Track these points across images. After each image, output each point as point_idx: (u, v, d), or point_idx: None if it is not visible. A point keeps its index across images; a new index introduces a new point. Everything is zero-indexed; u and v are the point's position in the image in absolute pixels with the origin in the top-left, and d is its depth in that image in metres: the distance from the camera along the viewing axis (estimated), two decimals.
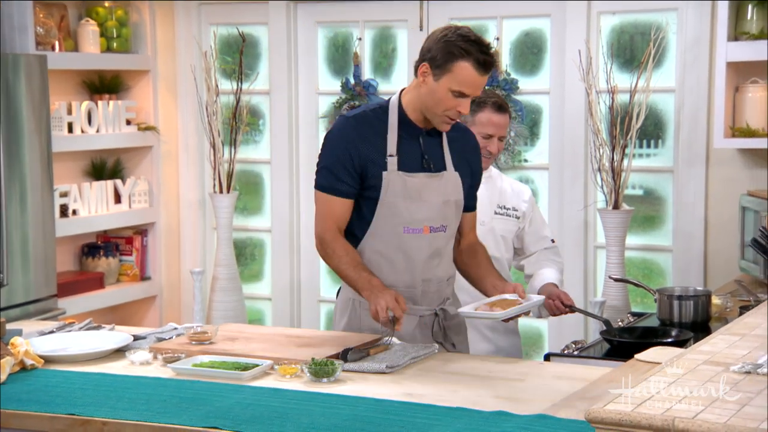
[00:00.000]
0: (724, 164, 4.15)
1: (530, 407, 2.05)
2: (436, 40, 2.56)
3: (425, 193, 2.66)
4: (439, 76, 2.54)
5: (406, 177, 2.64)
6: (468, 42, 2.52)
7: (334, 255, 2.63)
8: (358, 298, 2.72)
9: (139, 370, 2.41)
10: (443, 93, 2.55)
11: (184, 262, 5.05)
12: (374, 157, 2.63)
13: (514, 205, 3.31)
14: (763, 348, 1.96)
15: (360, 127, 2.65)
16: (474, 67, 2.52)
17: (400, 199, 2.64)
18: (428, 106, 2.60)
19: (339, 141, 2.65)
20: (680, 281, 4.14)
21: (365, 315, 2.71)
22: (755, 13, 3.95)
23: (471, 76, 2.53)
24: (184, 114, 4.98)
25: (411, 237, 2.66)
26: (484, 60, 2.53)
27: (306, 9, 4.84)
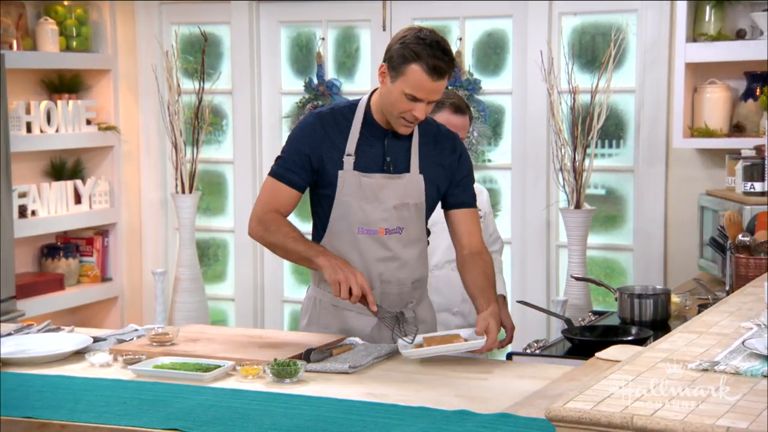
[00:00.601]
0: (684, 164, 4.20)
1: (492, 406, 2.05)
2: (396, 40, 2.54)
3: (381, 195, 2.63)
4: (395, 78, 2.52)
5: (361, 177, 2.61)
6: (422, 45, 2.47)
7: (279, 231, 2.56)
8: (319, 297, 2.72)
9: (98, 372, 2.37)
10: (397, 95, 2.53)
11: (145, 263, 5.01)
12: (334, 155, 2.62)
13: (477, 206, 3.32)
14: (720, 345, 1.98)
15: (324, 125, 2.63)
16: (425, 72, 2.47)
17: (355, 199, 2.62)
18: (386, 108, 2.59)
19: (301, 136, 2.64)
20: (641, 280, 4.18)
21: (324, 314, 2.70)
22: (713, 15, 4.00)
23: (422, 81, 2.48)
24: (146, 114, 4.94)
25: (365, 237, 2.64)
26: (435, 65, 2.47)
27: (268, 9, 4.82)
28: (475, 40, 4.57)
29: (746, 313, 2.28)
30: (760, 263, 3.01)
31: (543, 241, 4.42)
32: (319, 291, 2.72)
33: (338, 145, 2.62)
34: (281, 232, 2.58)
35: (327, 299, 2.70)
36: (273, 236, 2.59)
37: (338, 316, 2.70)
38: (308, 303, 2.77)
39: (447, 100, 3.20)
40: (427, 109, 2.56)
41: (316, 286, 2.75)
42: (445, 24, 4.60)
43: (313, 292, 2.75)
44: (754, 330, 2.09)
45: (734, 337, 2.03)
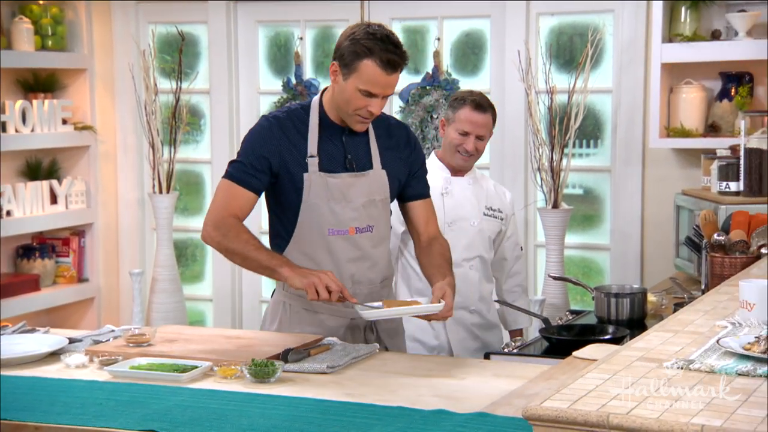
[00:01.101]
0: (660, 164, 4.22)
1: (469, 406, 2.05)
2: (345, 38, 2.53)
3: (349, 194, 2.62)
4: (347, 76, 2.51)
5: (328, 178, 2.60)
6: (373, 40, 2.47)
7: (238, 237, 2.50)
8: (289, 302, 2.70)
9: (74, 373, 2.35)
10: (352, 92, 2.52)
11: (122, 264, 4.99)
12: (295, 158, 2.59)
13: (499, 207, 3.33)
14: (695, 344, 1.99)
15: (281, 129, 2.60)
16: (379, 66, 2.47)
17: (323, 200, 2.60)
18: (340, 106, 2.58)
19: (259, 139, 2.59)
20: (618, 279, 4.20)
21: (297, 320, 2.68)
22: (689, 15, 4.03)
23: (376, 75, 2.48)
24: (122, 113, 4.91)
25: (336, 239, 2.63)
26: (388, 59, 2.47)
27: (246, 8, 4.80)
28: (453, 40, 4.58)
29: (721, 312, 2.30)
30: (734, 262, 3.03)
31: (521, 241, 4.43)
32: (289, 295, 2.70)
33: (299, 147, 2.60)
34: (240, 238, 2.51)
35: (298, 303, 2.68)
36: (231, 242, 2.52)
37: (311, 320, 2.68)
38: (276, 308, 2.74)
39: (468, 97, 3.22)
40: (381, 104, 2.55)
41: (284, 291, 2.71)
42: (424, 24, 4.61)
43: (282, 297, 2.72)
44: (729, 328, 2.11)
45: (709, 336, 2.05)
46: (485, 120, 3.21)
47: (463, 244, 3.21)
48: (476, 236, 3.24)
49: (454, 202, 3.24)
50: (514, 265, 3.40)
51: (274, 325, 2.73)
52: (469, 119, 3.18)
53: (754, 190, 3.54)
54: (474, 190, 3.28)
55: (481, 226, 3.26)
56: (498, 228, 3.32)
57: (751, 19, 3.92)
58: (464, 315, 3.26)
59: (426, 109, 4.47)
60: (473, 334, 3.28)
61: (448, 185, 3.24)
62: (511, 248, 3.37)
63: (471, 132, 3.19)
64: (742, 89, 4.01)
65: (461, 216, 3.24)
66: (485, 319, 3.32)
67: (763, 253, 3.05)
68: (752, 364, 1.79)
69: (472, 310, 3.27)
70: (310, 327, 2.67)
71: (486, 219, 3.28)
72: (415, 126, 4.51)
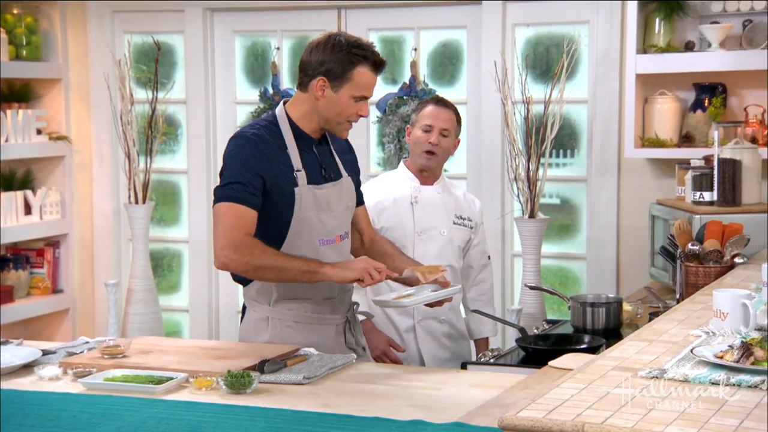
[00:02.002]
0: (635, 174, 4.25)
1: (446, 416, 2.05)
2: (328, 52, 2.57)
3: (332, 203, 2.68)
4: (338, 87, 2.57)
5: (315, 190, 2.64)
6: (360, 47, 2.58)
7: (265, 253, 2.52)
8: (278, 316, 2.68)
9: (47, 385, 2.33)
10: (346, 102, 2.59)
11: (98, 274, 4.95)
12: (283, 173, 2.60)
13: (468, 215, 3.34)
14: (670, 353, 2.01)
15: (266, 145, 2.59)
16: (371, 70, 2.60)
17: (313, 212, 2.63)
18: (329, 118, 2.62)
19: (249, 158, 2.57)
20: (594, 288, 4.22)
21: (287, 332, 2.68)
22: (663, 27, 4.06)
23: (370, 79, 2.61)
24: (98, 123, 4.89)
25: (326, 248, 2.67)
26: (379, 61, 2.61)
27: (223, 18, 4.80)
28: (430, 51, 4.59)
29: (695, 321, 2.33)
30: (709, 272, 3.06)
31: (498, 251, 4.44)
32: (277, 311, 2.69)
33: (283, 161, 2.61)
34: (268, 253, 2.53)
35: (288, 316, 2.68)
36: (260, 259, 2.53)
37: (301, 331, 2.68)
38: (260, 325, 2.71)
39: (430, 97, 3.36)
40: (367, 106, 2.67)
41: (270, 307, 2.70)
42: (401, 34, 4.62)
43: (267, 313, 2.70)
44: (703, 337, 2.13)
45: (683, 345, 2.07)
46: (447, 115, 3.26)
47: (434, 253, 3.22)
48: (446, 245, 3.25)
49: (423, 212, 3.25)
50: (480, 273, 3.39)
51: (261, 338, 2.69)
52: (432, 114, 3.25)
53: (727, 199, 3.57)
54: (443, 198, 3.29)
55: (451, 235, 3.27)
56: (467, 237, 3.33)
57: (724, 31, 3.96)
58: (434, 325, 3.27)
59: (403, 119, 4.48)
60: (442, 344, 3.29)
61: (417, 194, 3.26)
62: (478, 256, 3.37)
63: (434, 125, 3.23)
64: (716, 100, 4.04)
65: (431, 225, 3.25)
66: (455, 328, 3.32)
67: (737, 262, 3.08)
68: (725, 373, 1.81)
69: (442, 320, 3.28)
70: (301, 338, 2.66)
71: (456, 228, 3.29)
72: (393, 136, 4.52)
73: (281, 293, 2.67)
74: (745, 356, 1.85)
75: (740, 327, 2.13)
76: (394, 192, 3.26)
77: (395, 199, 3.25)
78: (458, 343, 3.34)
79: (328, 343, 2.68)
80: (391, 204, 3.24)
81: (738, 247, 3.11)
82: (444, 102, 3.29)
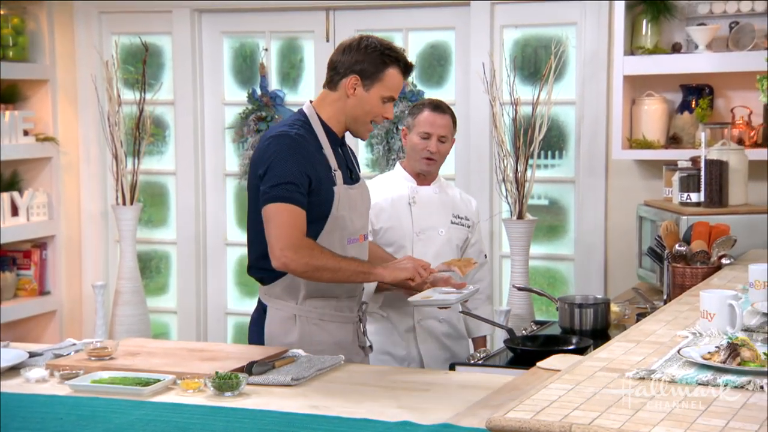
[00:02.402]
0: (623, 175, 4.26)
1: (434, 417, 2.04)
2: (362, 52, 2.64)
3: (358, 203, 2.74)
4: (370, 86, 2.65)
5: (349, 189, 2.70)
6: (392, 50, 2.67)
7: (323, 254, 2.58)
8: (305, 315, 2.71)
9: (34, 387, 2.30)
10: (375, 101, 2.66)
11: (85, 276, 4.93)
12: (324, 173, 2.66)
13: (465, 215, 3.35)
14: (657, 354, 2.01)
15: (307, 145, 2.64)
16: (401, 72, 2.68)
17: (347, 211, 2.69)
18: (357, 116, 2.68)
19: (295, 158, 2.60)
20: (582, 289, 4.22)
21: (316, 330, 2.71)
22: (650, 29, 4.07)
23: (399, 81, 2.69)
24: (85, 124, 4.87)
25: (352, 247, 2.73)
26: (407, 64, 2.70)
27: (211, 19, 4.79)
28: (418, 52, 4.59)
29: (682, 322, 2.33)
30: (695, 272, 3.06)
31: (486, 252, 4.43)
32: (305, 308, 2.72)
33: (321, 162, 2.66)
34: (326, 254, 2.59)
35: (315, 315, 2.72)
36: (320, 260, 2.58)
37: (326, 329, 2.73)
38: (288, 323, 2.72)
39: (426, 101, 3.34)
40: None
41: (297, 305, 2.72)
42: (389, 35, 4.59)
43: (294, 311, 2.72)
44: (690, 338, 2.14)
45: (671, 346, 2.07)
46: (445, 121, 3.26)
47: (432, 253, 3.22)
48: (445, 245, 3.26)
49: (421, 212, 3.26)
50: (478, 272, 3.39)
51: (291, 338, 2.70)
52: (429, 121, 3.24)
53: (714, 201, 3.58)
54: (441, 198, 3.31)
55: (449, 235, 3.28)
56: (465, 236, 3.34)
57: (711, 33, 3.97)
58: (434, 324, 3.27)
59: (392, 120, 4.47)
60: (442, 344, 3.29)
61: (415, 194, 3.27)
62: (475, 255, 3.37)
63: (432, 133, 3.23)
64: (703, 101, 4.05)
65: (429, 225, 3.26)
66: (454, 328, 3.32)
67: (724, 263, 3.09)
68: (712, 374, 1.81)
69: (441, 319, 3.28)
70: (327, 336, 2.71)
71: (453, 227, 3.30)
72: (381, 137, 4.52)
73: (309, 290, 2.70)
74: (732, 357, 1.86)
75: (727, 328, 2.14)
76: (391, 193, 3.28)
77: (393, 200, 3.26)
78: (458, 343, 3.35)
79: (348, 342, 2.74)
80: (389, 205, 3.25)
81: (725, 248, 3.12)
82: (440, 107, 3.27)
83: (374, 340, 3.27)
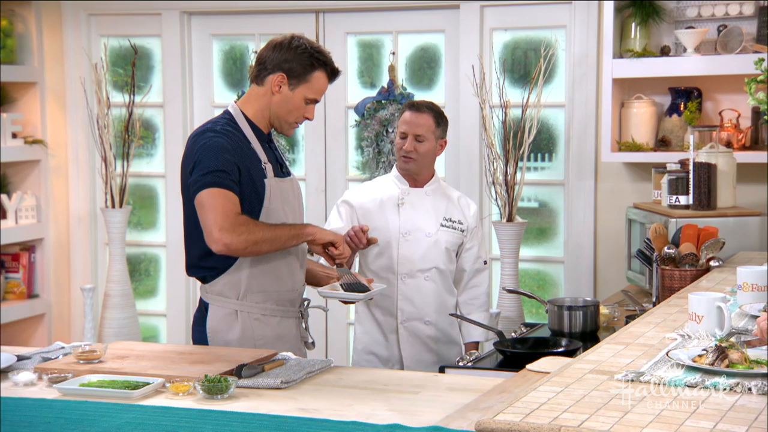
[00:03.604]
0: (612, 177, 4.26)
1: (424, 419, 2.03)
2: (291, 51, 2.66)
3: (292, 198, 2.76)
4: (296, 86, 2.66)
5: (280, 183, 2.71)
6: (321, 53, 2.68)
7: (257, 226, 2.59)
8: (246, 310, 2.72)
9: (22, 391, 2.28)
10: (299, 101, 2.67)
11: (74, 279, 4.91)
12: (253, 165, 2.66)
13: (459, 218, 3.32)
14: (646, 356, 2.01)
15: (234, 139, 2.65)
16: (327, 77, 2.69)
17: (280, 204, 2.70)
18: (280, 114, 2.70)
19: (226, 150, 2.62)
20: (572, 292, 4.23)
21: (257, 325, 2.72)
22: (639, 32, 4.08)
23: (324, 85, 2.70)
24: (74, 127, 4.85)
25: None
26: (334, 69, 2.70)
27: (200, 21, 4.77)
28: (408, 54, 4.59)
29: (671, 324, 2.34)
30: (684, 275, 3.07)
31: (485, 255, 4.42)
32: (246, 304, 2.72)
33: (250, 155, 2.67)
34: (260, 226, 2.61)
35: (256, 310, 2.72)
36: (256, 233, 2.59)
37: (269, 324, 2.73)
38: (230, 319, 2.73)
39: (408, 102, 3.34)
40: None
41: (238, 300, 2.72)
42: (378, 38, 4.62)
43: (235, 307, 2.73)
44: (678, 341, 2.14)
45: (659, 348, 2.08)
46: (422, 120, 3.24)
47: (418, 254, 3.22)
48: (432, 247, 3.25)
49: (408, 213, 3.26)
50: (474, 277, 3.37)
51: (233, 334, 2.72)
52: (406, 120, 3.26)
53: (703, 203, 3.58)
54: (432, 200, 3.29)
55: (437, 237, 3.26)
56: (458, 240, 3.31)
57: (699, 36, 3.98)
58: (418, 326, 3.26)
59: (381, 122, 4.48)
60: (428, 346, 3.28)
61: (405, 196, 3.27)
62: (471, 260, 3.36)
63: (408, 132, 3.24)
64: (691, 104, 4.06)
65: (416, 227, 3.25)
66: (444, 333, 3.30)
67: (712, 265, 3.10)
68: (701, 376, 1.82)
69: (427, 321, 3.27)
70: (270, 330, 2.72)
71: (444, 230, 3.28)
72: (371, 140, 4.51)
73: (249, 286, 2.71)
74: (720, 359, 1.86)
75: (715, 330, 2.14)
76: (381, 194, 3.29)
77: (382, 201, 3.27)
78: (447, 347, 3.32)
79: (291, 336, 2.74)
80: (377, 206, 3.26)
81: (713, 250, 3.13)
82: (418, 107, 3.28)
83: (361, 340, 3.29)
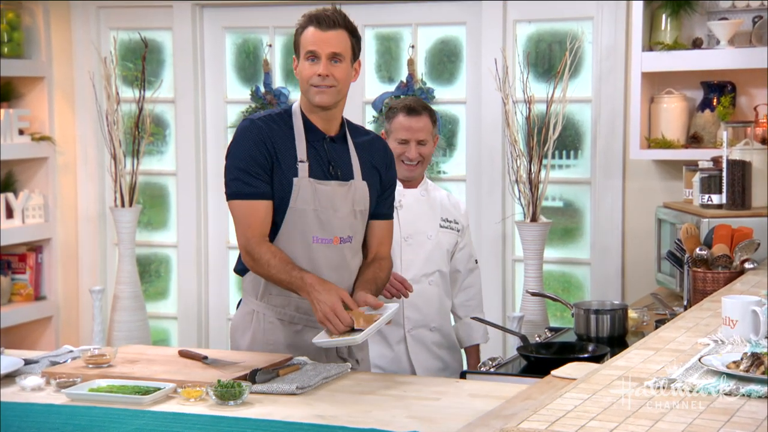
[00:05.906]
0: (641, 176, 4.18)
1: (444, 427, 2.01)
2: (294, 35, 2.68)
3: (336, 202, 2.63)
4: (298, 58, 2.65)
5: (316, 185, 2.62)
6: (307, 15, 2.66)
7: (261, 262, 2.56)
8: (262, 311, 2.66)
9: (30, 396, 2.28)
10: (302, 65, 2.62)
11: (82, 281, 4.89)
12: (286, 162, 2.60)
13: (454, 218, 3.26)
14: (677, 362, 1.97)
15: (269, 128, 2.61)
16: (313, 26, 2.61)
17: (310, 206, 2.61)
18: (302, 87, 2.66)
19: (248, 142, 2.59)
20: (598, 295, 4.16)
21: (270, 330, 2.64)
22: (669, 23, 4.00)
23: (312, 34, 2.61)
24: (83, 123, 4.82)
25: (320, 247, 2.62)
26: (318, 17, 2.61)
27: (212, 14, 4.72)
28: (428, 48, 4.52)
29: (703, 329, 2.31)
30: (717, 277, 3.02)
31: (498, 255, 4.35)
32: (262, 305, 2.67)
33: (288, 150, 2.61)
34: (263, 262, 2.56)
35: (272, 313, 2.65)
36: (260, 269, 2.59)
37: (285, 331, 2.65)
38: (247, 318, 2.69)
39: (400, 104, 3.20)
40: (326, 65, 2.59)
41: (257, 300, 2.67)
42: (398, 31, 4.56)
43: (254, 306, 2.68)
44: (711, 346, 2.11)
45: (691, 354, 2.06)
46: (422, 123, 3.14)
47: (422, 258, 3.15)
48: (434, 250, 3.17)
49: (408, 216, 3.17)
50: (467, 277, 3.30)
51: (246, 337, 2.67)
52: (404, 126, 3.13)
53: (736, 203, 3.51)
54: (428, 201, 3.22)
55: (438, 239, 3.19)
56: (455, 240, 3.25)
57: (733, 28, 3.89)
58: (424, 333, 3.18)
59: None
60: (434, 353, 3.20)
61: (402, 198, 3.16)
62: (465, 260, 3.28)
63: (410, 138, 3.13)
64: (724, 99, 3.97)
65: (418, 230, 3.17)
66: (446, 338, 3.24)
67: (747, 267, 3.04)
68: (735, 383, 1.78)
69: (433, 327, 3.19)
70: (284, 338, 2.64)
71: (443, 231, 3.21)
72: None
73: (268, 287, 2.65)
74: (756, 365, 1.82)
75: (750, 335, 2.10)
76: None
77: None
78: (450, 352, 3.25)
79: (316, 351, 2.58)
80: None
81: (748, 252, 3.07)
82: (415, 109, 3.14)
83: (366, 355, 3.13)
